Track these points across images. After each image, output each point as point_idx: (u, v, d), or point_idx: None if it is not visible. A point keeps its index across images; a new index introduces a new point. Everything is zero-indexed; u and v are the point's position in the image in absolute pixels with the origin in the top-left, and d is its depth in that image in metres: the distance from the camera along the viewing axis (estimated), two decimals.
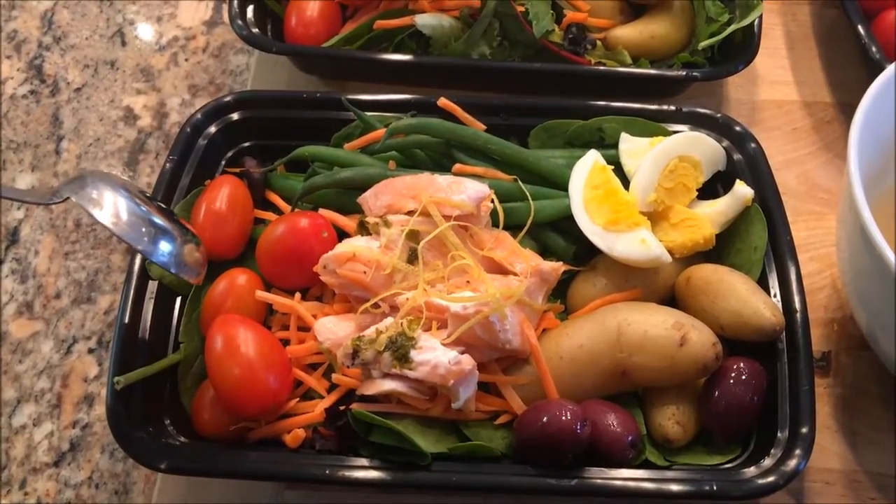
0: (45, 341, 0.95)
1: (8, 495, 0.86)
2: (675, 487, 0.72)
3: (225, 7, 1.21)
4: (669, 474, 0.74)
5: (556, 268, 0.82)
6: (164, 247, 0.73)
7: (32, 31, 1.20)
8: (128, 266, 0.84)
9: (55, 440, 0.89)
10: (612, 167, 0.88)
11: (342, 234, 0.86)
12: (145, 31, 1.20)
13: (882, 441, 0.84)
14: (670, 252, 0.83)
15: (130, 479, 0.87)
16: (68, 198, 0.71)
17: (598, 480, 0.73)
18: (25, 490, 0.87)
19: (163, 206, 0.80)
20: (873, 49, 0.98)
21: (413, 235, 0.80)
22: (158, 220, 0.74)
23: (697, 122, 0.92)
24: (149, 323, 0.82)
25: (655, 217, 0.86)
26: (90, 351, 0.95)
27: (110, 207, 0.72)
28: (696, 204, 0.89)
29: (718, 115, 0.92)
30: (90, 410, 0.91)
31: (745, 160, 0.90)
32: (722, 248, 0.86)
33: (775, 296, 0.82)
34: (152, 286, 0.84)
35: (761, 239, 0.84)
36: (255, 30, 1.04)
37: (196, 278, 0.77)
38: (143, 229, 0.72)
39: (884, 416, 0.86)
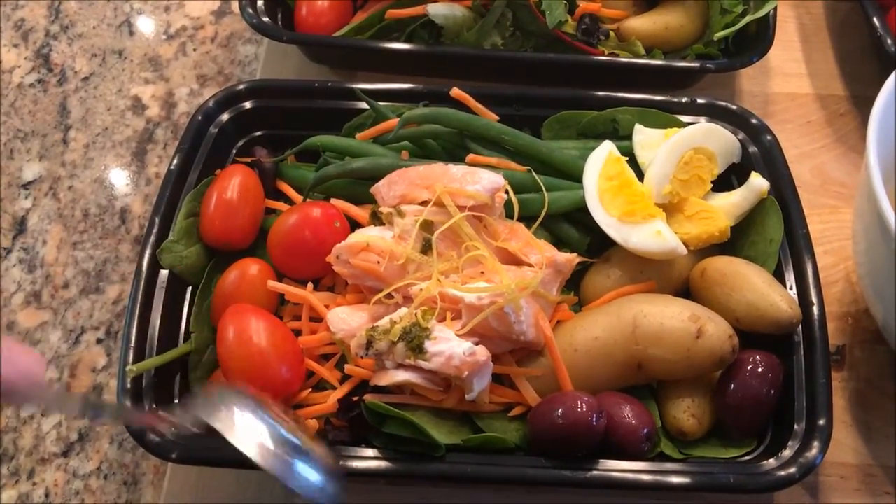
0: (54, 331, 0.95)
1: (16, 485, 0.86)
2: (691, 480, 0.71)
3: None
4: (685, 467, 0.73)
5: (570, 259, 0.81)
6: (307, 472, 0.64)
7: (40, 19, 1.19)
8: (138, 256, 0.83)
9: (63, 430, 0.89)
10: (627, 158, 0.87)
11: (355, 225, 0.85)
12: (153, 21, 1.19)
13: None
14: (685, 244, 0.82)
15: (139, 470, 0.86)
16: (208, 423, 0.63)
17: (613, 473, 0.72)
18: (34, 480, 0.86)
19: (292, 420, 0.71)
20: (888, 42, 0.97)
21: (427, 225, 0.79)
22: (298, 440, 0.65)
23: (713, 113, 0.92)
24: (160, 313, 0.81)
25: (670, 209, 0.86)
26: (98, 341, 0.94)
27: (249, 433, 0.63)
28: (711, 196, 0.88)
29: (735, 106, 0.91)
30: None
31: (760, 152, 0.89)
32: (737, 241, 0.86)
33: (791, 288, 0.81)
34: (163, 276, 0.83)
35: (777, 231, 0.83)
36: (266, 19, 1.03)
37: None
38: (287, 458, 0.63)
39: None
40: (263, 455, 0.62)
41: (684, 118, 0.91)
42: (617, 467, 0.73)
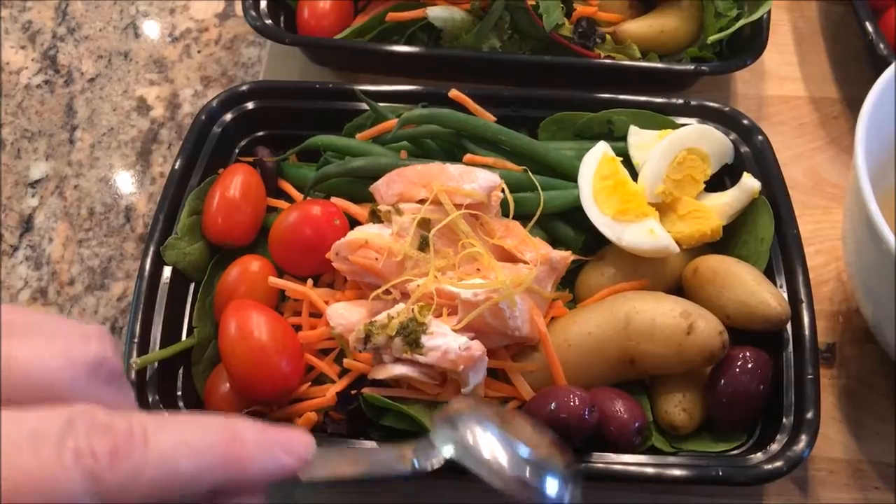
0: None
1: None
2: (681, 473, 0.73)
3: (237, 0, 1.22)
4: (676, 460, 0.75)
5: (565, 257, 0.83)
6: (552, 486, 0.57)
7: (47, 21, 1.21)
8: (142, 253, 0.85)
9: None
10: (621, 159, 0.89)
11: (354, 222, 0.87)
12: (158, 23, 1.21)
13: (886, 431, 0.85)
14: (678, 243, 0.84)
15: None
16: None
17: (605, 466, 0.74)
18: None
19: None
20: (881, 45, 0.99)
21: (424, 223, 0.81)
22: (536, 457, 0.58)
23: (705, 115, 0.93)
24: (163, 308, 0.83)
25: (663, 208, 0.87)
26: None
27: (490, 456, 0.56)
28: (703, 196, 0.90)
29: (726, 108, 0.93)
30: None
31: (752, 153, 0.91)
32: (729, 240, 0.87)
33: (781, 286, 0.83)
34: (166, 272, 0.85)
35: (768, 231, 0.85)
36: (269, 21, 1.05)
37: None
38: (527, 471, 0.56)
39: (888, 406, 0.87)
40: (507, 484, 0.55)
41: (678, 120, 0.93)
42: (608, 460, 0.74)
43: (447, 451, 0.55)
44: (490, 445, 0.56)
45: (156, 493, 0.38)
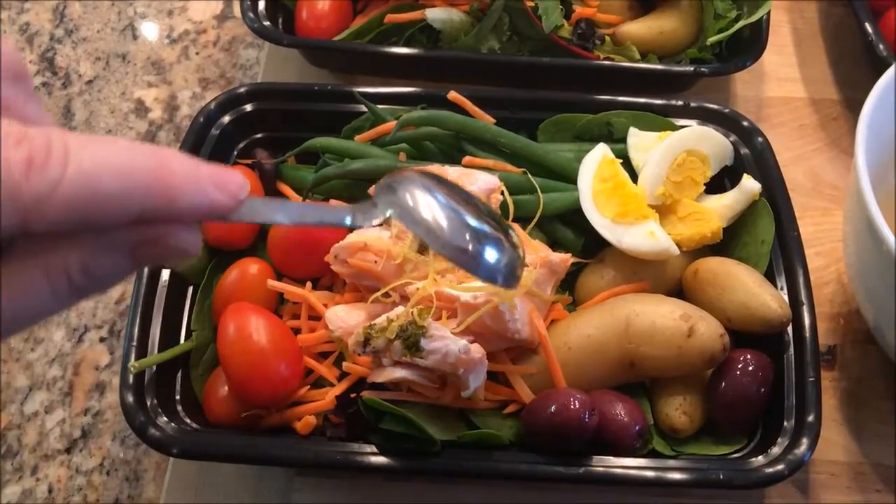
0: (57, 330, 0.96)
1: (20, 481, 0.87)
2: (682, 476, 0.73)
3: (235, 2, 1.22)
4: (676, 463, 0.75)
5: (564, 259, 0.83)
6: (491, 255, 0.59)
7: (45, 23, 1.21)
8: None
9: (67, 427, 0.90)
10: (621, 161, 0.88)
11: None
12: (156, 25, 1.21)
13: (887, 433, 0.85)
14: (678, 245, 0.83)
15: (141, 467, 0.88)
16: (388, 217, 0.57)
17: (606, 469, 0.73)
18: (37, 476, 0.88)
19: (481, 204, 0.64)
20: (880, 47, 0.99)
21: None
22: (478, 224, 0.60)
23: (705, 116, 0.93)
24: (161, 311, 0.83)
25: (663, 210, 0.87)
26: (101, 340, 0.95)
27: (425, 212, 0.57)
28: (703, 198, 0.89)
29: (726, 109, 0.93)
30: (101, 398, 0.92)
31: (752, 155, 0.90)
32: (729, 242, 0.87)
33: (782, 288, 0.82)
34: (164, 275, 0.84)
35: (768, 233, 0.85)
36: (267, 23, 1.05)
37: (517, 288, 0.66)
38: (466, 236, 0.58)
39: (889, 408, 0.86)
40: (445, 247, 0.57)
41: (678, 121, 0.93)
42: (609, 464, 0.74)
43: (386, 212, 0.55)
44: (430, 208, 0.56)
45: (75, 212, 0.37)
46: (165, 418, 0.77)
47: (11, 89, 0.41)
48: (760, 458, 0.74)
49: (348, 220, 0.54)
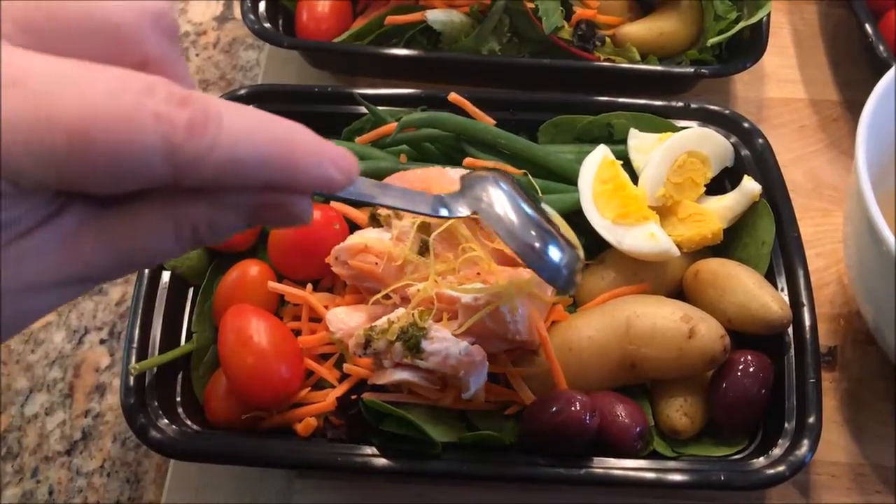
0: (58, 332, 0.96)
1: (20, 483, 0.87)
2: (683, 478, 0.73)
3: (235, 3, 1.22)
4: (677, 465, 0.75)
5: None
6: (555, 254, 0.65)
7: None
8: None
9: (67, 429, 0.90)
10: (621, 162, 0.88)
11: (354, 227, 0.87)
12: None
13: (888, 434, 0.85)
14: (678, 246, 0.83)
15: (142, 468, 0.88)
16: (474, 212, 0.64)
17: (607, 471, 0.74)
18: (38, 478, 0.88)
19: (547, 211, 0.72)
20: (880, 48, 0.99)
21: (424, 227, 0.80)
22: (545, 225, 0.66)
23: (706, 118, 0.93)
24: (162, 313, 0.83)
25: (664, 212, 0.87)
26: (102, 342, 0.95)
27: (501, 210, 0.64)
28: (704, 199, 0.89)
29: (727, 111, 0.93)
30: (102, 400, 0.92)
31: (752, 156, 0.91)
32: (729, 243, 0.87)
33: (782, 290, 0.83)
34: (165, 277, 0.84)
35: (769, 234, 0.85)
36: (267, 24, 1.05)
37: (568, 292, 0.70)
38: (534, 232, 0.65)
39: (889, 410, 0.86)
40: (518, 245, 0.64)
41: (678, 123, 0.93)
42: (610, 465, 0.74)
43: (469, 207, 0.63)
44: (505, 207, 0.64)
45: (218, 176, 0.39)
46: (166, 420, 0.77)
47: (169, 47, 0.43)
48: (761, 459, 0.74)
49: (442, 211, 0.61)
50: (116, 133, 0.35)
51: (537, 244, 0.64)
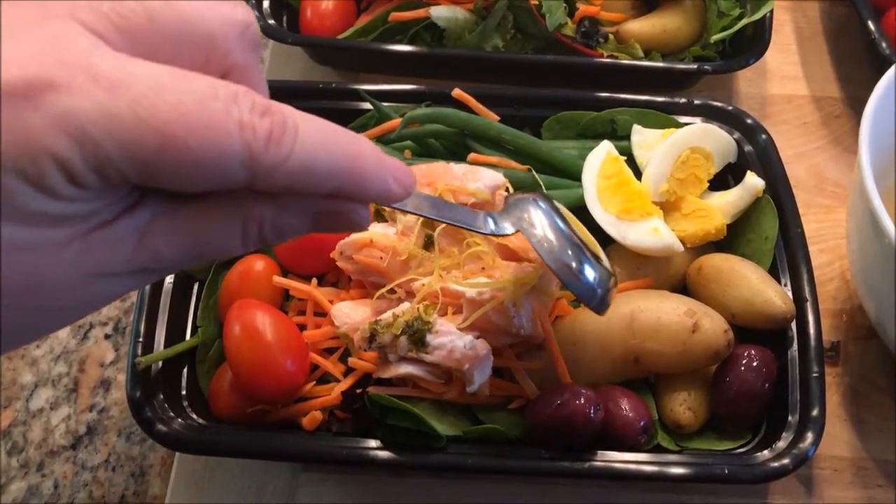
0: None
1: (26, 477, 0.88)
2: (687, 471, 0.73)
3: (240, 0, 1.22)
4: (681, 459, 0.75)
5: None
6: (590, 273, 0.69)
7: None
8: None
9: (72, 423, 0.91)
10: (625, 158, 0.89)
11: None
12: None
13: (890, 429, 0.85)
14: (682, 241, 0.84)
15: (147, 462, 0.88)
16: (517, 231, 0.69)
17: (611, 464, 0.74)
18: (43, 472, 0.88)
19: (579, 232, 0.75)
20: (883, 45, 0.99)
21: (429, 222, 0.81)
22: (582, 246, 0.70)
23: (709, 114, 0.93)
24: (167, 308, 0.83)
25: (667, 207, 0.87)
26: (107, 336, 0.96)
27: (541, 230, 0.69)
28: (707, 195, 0.90)
29: (730, 107, 0.93)
30: (107, 395, 0.92)
31: (755, 152, 0.91)
32: (733, 239, 0.87)
33: (786, 285, 0.83)
34: None
35: (772, 229, 0.85)
36: (272, 21, 1.05)
37: (602, 312, 0.73)
38: (570, 251, 0.69)
39: (891, 404, 0.87)
40: (556, 264, 0.69)
41: (681, 119, 0.93)
42: (614, 459, 0.74)
43: (515, 224, 0.68)
44: (544, 226, 0.69)
45: (290, 183, 0.42)
46: (172, 414, 0.78)
47: (252, 58, 0.45)
48: (765, 452, 0.74)
49: (488, 228, 0.66)
50: (204, 138, 0.38)
51: (574, 264, 0.68)
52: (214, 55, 0.43)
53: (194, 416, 0.79)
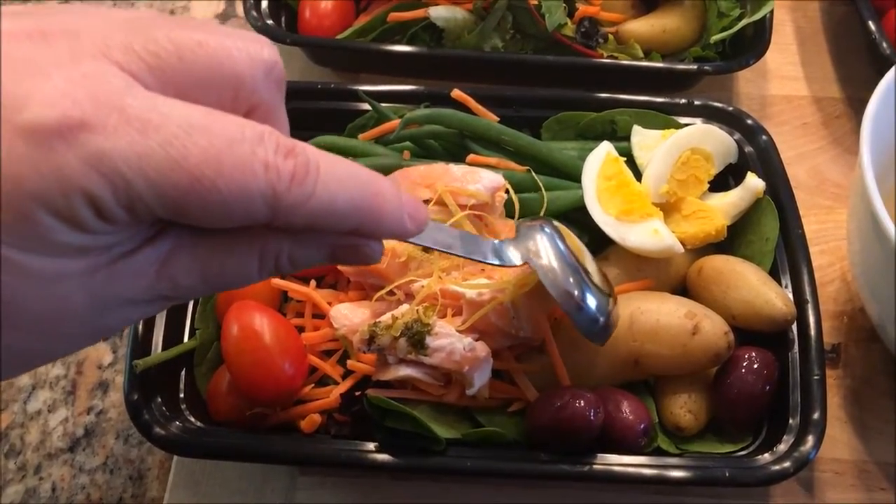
0: None
1: (23, 480, 0.87)
2: (687, 474, 0.73)
3: (238, 1, 1.22)
4: (681, 461, 0.75)
5: None
6: (591, 302, 0.71)
7: None
8: None
9: (70, 426, 0.90)
10: (625, 159, 0.88)
11: None
12: None
13: (891, 431, 0.85)
14: (682, 243, 0.83)
15: (145, 465, 0.88)
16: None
17: (611, 467, 0.73)
18: (41, 475, 0.87)
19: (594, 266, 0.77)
20: (883, 45, 0.99)
21: None
22: (584, 277, 0.72)
23: (709, 114, 0.93)
24: (165, 310, 0.83)
25: (668, 208, 0.87)
26: (104, 338, 0.95)
27: (546, 259, 0.71)
28: (707, 196, 0.89)
29: (730, 108, 0.93)
30: (105, 397, 0.92)
31: (756, 153, 0.90)
32: (733, 240, 0.87)
33: (786, 286, 0.82)
34: None
35: (773, 231, 0.85)
36: (270, 21, 1.05)
37: (603, 342, 0.74)
38: (572, 279, 0.70)
39: (892, 406, 0.86)
40: (558, 292, 0.70)
41: (682, 119, 0.93)
42: (614, 461, 0.74)
43: (523, 255, 0.70)
44: (548, 255, 0.70)
45: (311, 223, 0.43)
46: (170, 416, 0.77)
47: (277, 97, 0.47)
48: (766, 455, 0.74)
49: (496, 259, 0.68)
50: (231, 179, 0.39)
51: (576, 292, 0.70)
52: (241, 93, 0.44)
53: (192, 419, 0.79)
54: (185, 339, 0.84)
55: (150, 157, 0.37)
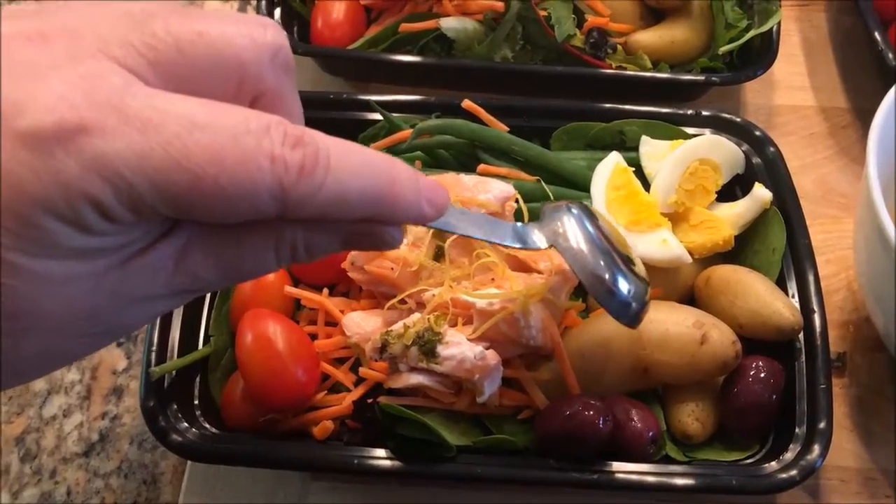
0: None
1: (39, 484, 0.88)
2: (695, 482, 0.74)
3: (250, 9, 1.23)
4: (689, 469, 0.76)
5: None
6: (623, 287, 0.67)
7: None
8: None
9: (85, 431, 0.91)
10: (633, 169, 0.89)
11: None
12: None
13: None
14: (690, 253, 0.84)
15: (158, 470, 0.89)
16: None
17: (620, 475, 0.74)
18: (56, 479, 0.89)
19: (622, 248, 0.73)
20: (889, 56, 1.00)
21: (439, 233, 0.81)
22: (617, 257, 0.68)
23: (718, 125, 0.94)
24: (180, 317, 0.84)
25: (676, 218, 0.88)
26: (119, 344, 0.97)
27: (574, 242, 0.67)
28: (715, 206, 0.90)
29: (738, 119, 0.94)
30: (119, 402, 0.93)
31: (763, 163, 0.91)
32: (740, 250, 0.88)
33: (793, 296, 0.83)
34: None
35: (780, 241, 0.86)
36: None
37: (636, 324, 0.71)
38: (602, 262, 0.66)
39: None
40: (587, 277, 0.66)
41: (690, 130, 0.94)
42: (623, 469, 0.75)
43: (549, 238, 0.66)
44: (576, 238, 0.66)
45: (322, 214, 0.42)
46: (185, 423, 0.78)
47: (285, 82, 0.45)
48: (773, 463, 0.75)
49: (519, 243, 0.64)
50: (236, 175, 0.38)
51: (606, 275, 0.66)
52: (246, 81, 0.42)
53: (206, 425, 0.80)
54: (200, 345, 0.85)
55: (151, 157, 0.36)
